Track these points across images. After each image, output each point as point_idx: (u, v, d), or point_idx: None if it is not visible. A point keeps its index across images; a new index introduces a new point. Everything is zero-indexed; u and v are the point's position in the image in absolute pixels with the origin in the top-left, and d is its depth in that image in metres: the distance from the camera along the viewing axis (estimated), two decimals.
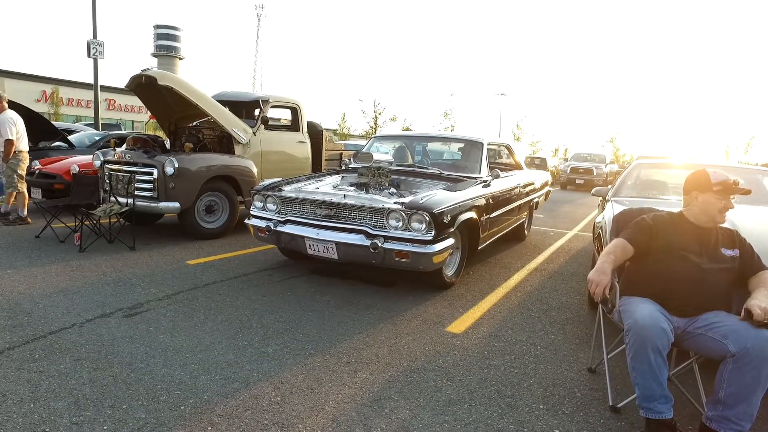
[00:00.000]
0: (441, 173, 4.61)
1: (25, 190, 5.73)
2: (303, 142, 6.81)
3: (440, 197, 3.63)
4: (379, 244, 3.41)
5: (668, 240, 2.21)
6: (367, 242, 3.47)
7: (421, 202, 3.48)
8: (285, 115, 7.27)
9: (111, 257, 4.46)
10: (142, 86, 5.48)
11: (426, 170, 4.74)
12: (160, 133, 9.48)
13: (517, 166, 6.21)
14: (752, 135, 32.25)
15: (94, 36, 12.42)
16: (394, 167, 4.70)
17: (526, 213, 6.09)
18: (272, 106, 6.51)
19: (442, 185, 4.17)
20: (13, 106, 6.25)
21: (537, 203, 6.58)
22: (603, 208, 4.47)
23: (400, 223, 3.49)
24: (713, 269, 2.13)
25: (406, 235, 3.46)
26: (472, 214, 3.96)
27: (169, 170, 4.97)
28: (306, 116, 6.92)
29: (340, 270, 4.35)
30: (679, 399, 2.29)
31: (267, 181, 4.36)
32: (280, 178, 4.55)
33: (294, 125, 6.83)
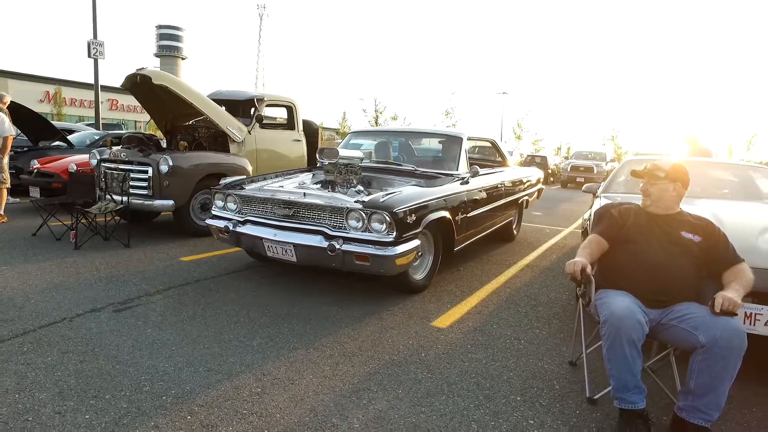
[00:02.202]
0: (415, 170, 4.36)
1: (4, 188, 5.83)
2: (298, 141, 6.86)
3: (405, 195, 3.42)
4: (337, 246, 3.20)
5: (632, 230, 2.28)
6: (325, 244, 3.27)
7: (381, 200, 3.26)
8: (281, 114, 7.33)
9: (105, 254, 4.52)
10: (138, 85, 5.53)
11: (399, 167, 4.52)
12: (159, 133, 9.56)
13: (504, 163, 5.97)
14: (754, 133, 32.09)
15: (95, 36, 12.50)
16: (366, 164, 4.48)
17: (513, 212, 5.86)
18: (267, 105, 6.57)
19: (414, 183, 3.98)
20: (15, 106, 6.33)
21: (527, 202, 6.31)
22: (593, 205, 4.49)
23: (360, 224, 3.27)
24: (675, 254, 2.18)
25: (366, 236, 3.24)
26: (445, 214, 3.75)
27: (164, 168, 5.03)
28: (301, 115, 6.97)
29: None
30: (655, 390, 2.33)
31: (229, 179, 4.20)
32: (244, 176, 4.39)
33: (289, 124, 6.89)
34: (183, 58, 64.18)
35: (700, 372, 1.94)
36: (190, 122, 6.49)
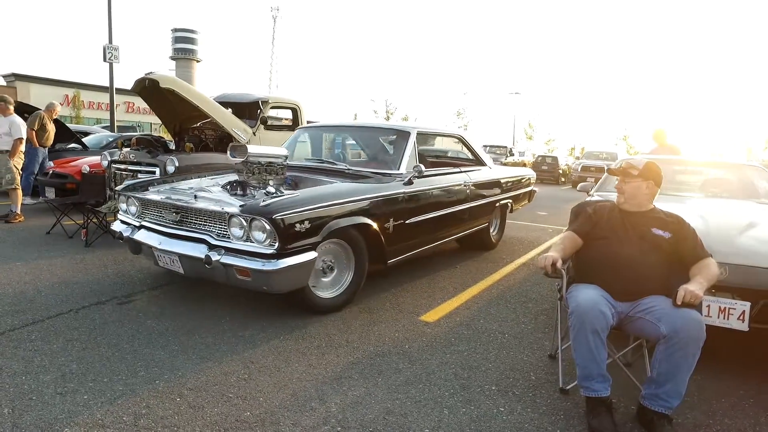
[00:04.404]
0: (348, 169, 3.93)
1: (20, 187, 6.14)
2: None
3: (299, 198, 2.97)
4: (213, 258, 2.81)
5: (605, 227, 2.36)
6: (203, 254, 2.89)
7: (262, 204, 2.83)
8: (287, 116, 7.52)
9: (114, 252, 4.72)
10: (147, 89, 5.75)
11: (330, 166, 4.12)
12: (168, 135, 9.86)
13: (478, 162, 5.34)
14: None
15: (110, 41, 12.86)
16: (297, 163, 4.15)
17: (488, 217, 5.24)
18: (272, 107, 6.76)
19: (340, 182, 3.56)
20: (33, 110, 6.62)
21: (511, 205, 5.76)
22: None
23: (242, 232, 2.87)
24: (645, 250, 2.26)
25: (248, 246, 2.84)
26: (366, 220, 3.29)
27: (170, 169, 5.22)
28: (305, 116, 7.14)
29: None
30: (629, 382, 2.41)
31: (136, 180, 3.97)
32: (156, 176, 4.15)
33: (294, 125, 7.05)
34: (198, 61, 65.14)
35: (661, 362, 2.03)
36: (198, 124, 6.70)
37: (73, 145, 8.49)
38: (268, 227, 2.76)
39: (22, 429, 1.89)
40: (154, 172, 5.35)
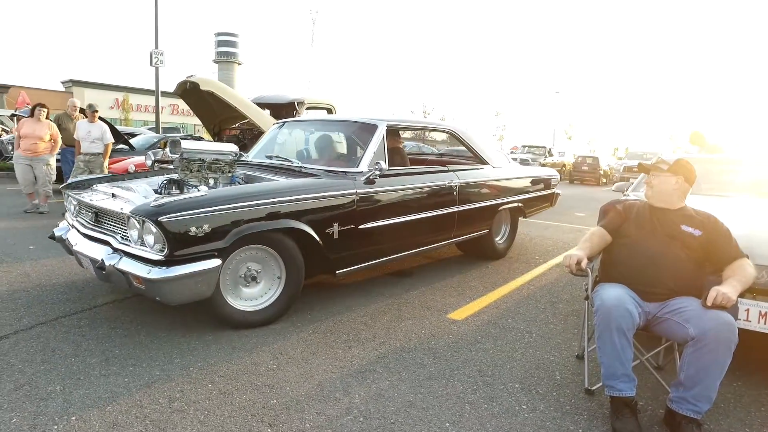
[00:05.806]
0: (299, 168, 3.57)
1: None
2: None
3: (200, 198, 2.64)
4: (107, 263, 2.61)
5: (633, 224, 2.32)
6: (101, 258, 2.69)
7: (152, 205, 2.52)
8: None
9: None
10: (188, 92, 6.02)
11: (282, 164, 3.78)
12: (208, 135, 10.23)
13: (477, 160, 4.72)
14: None
15: (156, 46, 13.46)
16: (254, 161, 4.03)
17: (488, 223, 4.63)
18: (307, 108, 6.91)
19: (282, 180, 3.26)
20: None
21: (522, 210, 5.12)
22: None
23: (137, 235, 2.61)
24: (671, 247, 2.20)
25: (142, 251, 2.58)
26: (295, 224, 2.91)
27: None
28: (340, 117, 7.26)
29: None
30: (658, 384, 2.35)
31: (82, 177, 3.81)
32: (109, 173, 4.10)
33: None
34: (239, 64, 66.94)
35: (689, 364, 1.97)
36: (236, 125, 6.94)
37: (121, 146, 8.96)
38: (155, 230, 2.46)
39: (72, 404, 2.05)
40: None
